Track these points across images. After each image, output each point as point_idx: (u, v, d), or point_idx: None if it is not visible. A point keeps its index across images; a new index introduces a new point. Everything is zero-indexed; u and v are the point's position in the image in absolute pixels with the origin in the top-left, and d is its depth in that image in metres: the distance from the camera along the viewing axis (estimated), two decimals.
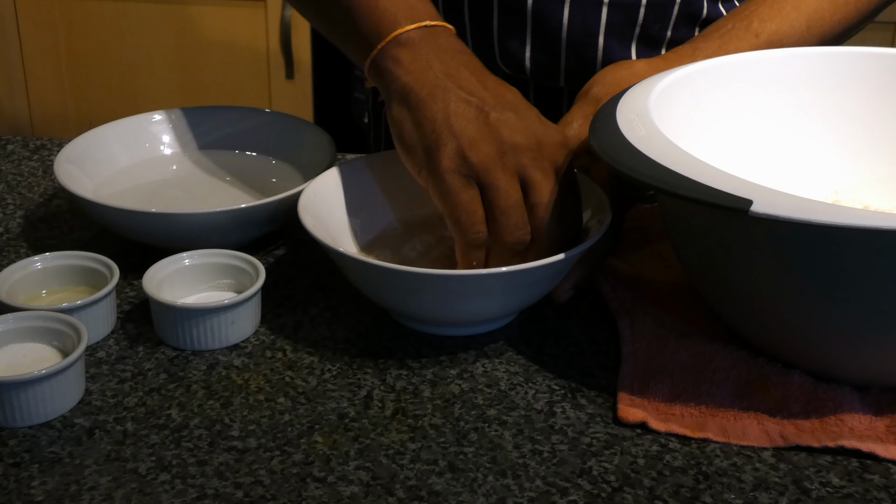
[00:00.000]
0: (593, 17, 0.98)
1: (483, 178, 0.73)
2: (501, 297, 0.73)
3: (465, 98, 0.74)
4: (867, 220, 0.59)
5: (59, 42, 2.21)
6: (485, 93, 0.75)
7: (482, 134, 0.73)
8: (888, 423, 0.67)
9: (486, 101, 0.75)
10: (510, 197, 0.73)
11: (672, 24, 1.00)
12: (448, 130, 0.73)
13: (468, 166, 0.73)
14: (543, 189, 0.74)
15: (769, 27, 0.87)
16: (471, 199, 0.73)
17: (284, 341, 0.76)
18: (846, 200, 0.85)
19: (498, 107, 0.74)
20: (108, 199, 0.89)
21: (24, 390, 0.66)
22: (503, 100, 0.75)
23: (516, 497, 0.62)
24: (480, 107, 0.74)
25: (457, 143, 0.73)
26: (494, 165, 0.73)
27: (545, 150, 0.74)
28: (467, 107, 0.74)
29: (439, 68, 0.76)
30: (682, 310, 0.77)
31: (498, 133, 0.73)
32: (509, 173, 0.73)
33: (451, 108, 0.74)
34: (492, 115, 0.74)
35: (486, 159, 0.73)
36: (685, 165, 0.64)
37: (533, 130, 0.74)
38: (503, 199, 0.73)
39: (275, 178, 0.95)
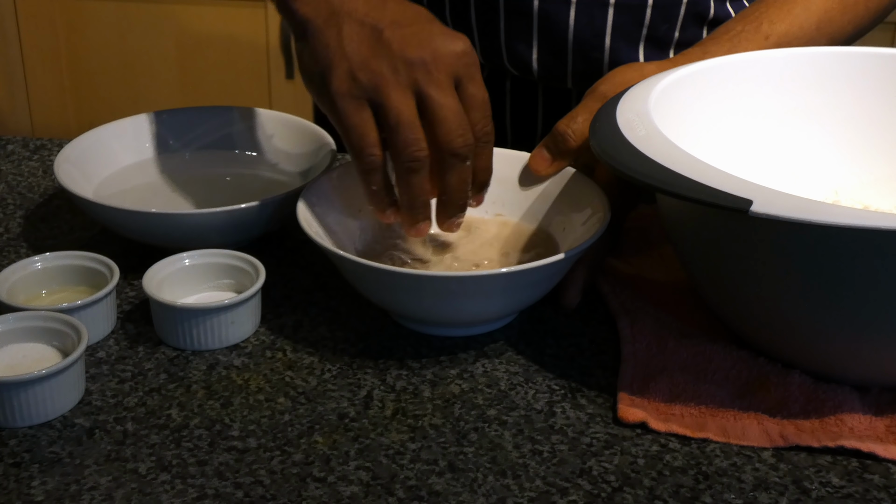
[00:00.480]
0: (600, 18, 0.98)
1: (374, 97, 0.72)
2: (501, 298, 0.73)
3: (359, 20, 0.73)
4: (867, 220, 0.59)
5: (59, 42, 2.21)
6: (381, 13, 0.74)
7: (374, 52, 0.72)
8: (888, 423, 0.67)
9: (381, 20, 0.73)
10: (401, 113, 0.72)
11: (679, 25, 1.00)
12: (340, 53, 0.73)
13: (359, 87, 0.72)
14: (441, 103, 0.72)
15: (779, 29, 0.87)
16: (363, 121, 0.72)
17: (284, 341, 0.76)
18: (846, 200, 0.85)
19: (392, 24, 0.73)
20: (108, 199, 0.89)
21: (24, 390, 0.66)
22: (402, 17, 0.74)
23: (516, 497, 0.62)
24: (374, 26, 0.73)
25: (348, 65, 0.72)
26: (385, 83, 0.72)
27: (441, 62, 0.72)
28: (361, 28, 0.73)
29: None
30: (682, 310, 0.77)
31: (389, 49, 0.72)
32: (401, 89, 0.72)
33: (343, 32, 0.73)
34: (385, 33, 0.72)
35: (377, 77, 0.72)
36: (685, 165, 0.64)
37: (427, 43, 0.72)
38: (393, 116, 0.72)
39: (275, 178, 0.95)
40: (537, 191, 0.83)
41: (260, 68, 2.16)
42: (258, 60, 2.16)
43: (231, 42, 2.15)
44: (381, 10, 0.74)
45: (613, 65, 0.99)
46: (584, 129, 0.79)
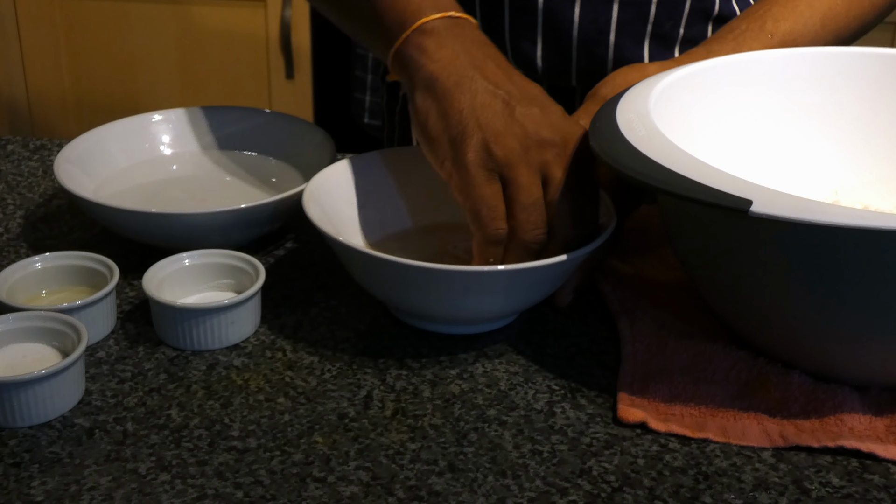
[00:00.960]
0: (604, 14, 0.98)
1: (506, 172, 0.72)
2: (505, 296, 0.73)
3: (491, 90, 0.74)
4: (867, 220, 0.59)
5: (59, 42, 2.21)
6: (511, 86, 0.75)
7: (508, 128, 0.73)
8: (888, 423, 0.67)
9: (513, 94, 0.74)
10: (531, 194, 0.72)
11: (684, 21, 1.00)
12: (475, 122, 0.73)
13: (493, 160, 0.72)
14: (565, 186, 0.73)
15: (783, 27, 0.86)
16: (493, 194, 0.73)
17: (284, 341, 0.76)
18: (846, 200, 0.85)
19: (524, 101, 0.74)
20: (108, 199, 0.89)
21: (24, 390, 0.66)
22: (529, 94, 0.75)
23: (516, 497, 0.62)
24: (507, 100, 0.74)
25: (482, 136, 0.72)
26: (518, 160, 0.72)
27: (569, 147, 0.74)
28: (493, 99, 0.74)
29: (465, 59, 0.75)
30: (682, 310, 0.77)
31: (523, 128, 0.73)
32: (532, 169, 0.73)
33: (477, 100, 0.74)
34: (518, 110, 0.73)
35: (511, 154, 0.72)
36: (685, 165, 0.64)
37: (558, 126, 0.74)
38: (525, 195, 0.72)
39: (275, 178, 0.95)
40: None
41: (260, 68, 2.16)
42: (258, 60, 2.16)
43: (231, 42, 2.15)
44: (509, 81, 0.75)
45: (618, 62, 1.00)
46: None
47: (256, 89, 2.18)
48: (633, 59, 1.00)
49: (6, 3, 2.18)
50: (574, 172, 0.74)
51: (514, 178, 0.72)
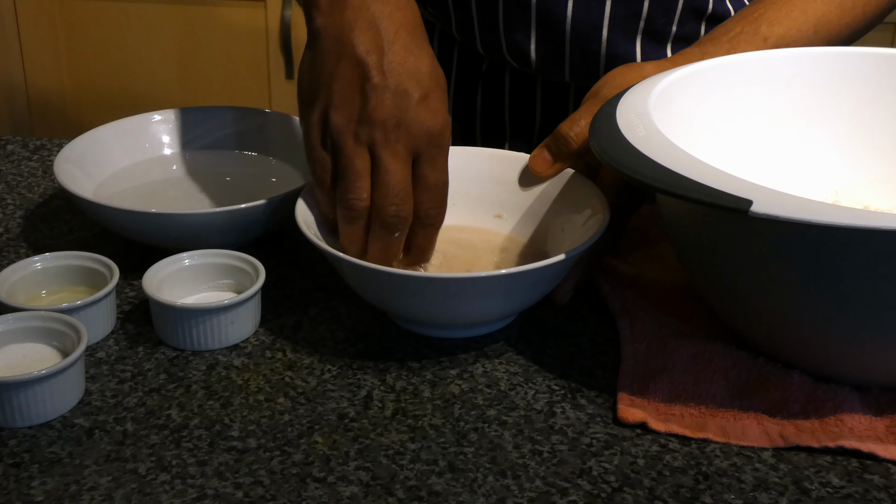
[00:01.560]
0: (597, 10, 0.98)
1: (334, 139, 0.74)
2: (500, 299, 0.73)
3: (358, 58, 0.74)
4: (867, 220, 0.59)
5: (58, 42, 2.21)
6: (383, 57, 0.74)
7: (351, 98, 0.73)
8: (888, 424, 0.67)
9: (377, 66, 0.73)
10: (351, 162, 0.73)
11: (677, 19, 1.00)
12: (327, 87, 0.74)
13: (328, 127, 0.74)
14: (386, 167, 0.73)
15: (777, 31, 0.87)
16: (323, 157, 0.75)
17: (284, 341, 0.76)
18: (846, 200, 0.85)
19: (382, 75, 0.73)
20: (108, 199, 0.89)
21: (24, 390, 0.66)
22: (397, 69, 0.74)
23: (516, 497, 0.62)
24: (366, 71, 0.73)
25: (327, 101, 0.74)
26: (347, 130, 0.73)
27: (404, 132, 0.73)
28: (355, 68, 0.74)
29: (349, 18, 0.74)
30: (682, 310, 0.77)
31: (365, 101, 0.73)
32: (360, 142, 0.73)
33: (340, 65, 0.74)
34: (371, 83, 0.73)
35: (343, 123, 0.73)
36: (685, 165, 0.64)
37: (402, 109, 0.73)
38: (343, 161, 0.74)
39: (275, 178, 0.95)
40: (537, 192, 0.83)
41: (260, 68, 2.16)
42: (258, 60, 2.16)
43: (231, 42, 2.15)
44: (380, 50, 0.74)
45: (610, 57, 1.00)
46: (586, 132, 0.79)
47: (256, 89, 2.18)
48: (625, 55, 1.00)
49: (6, 3, 2.18)
50: (402, 159, 0.73)
51: (339, 145, 0.74)
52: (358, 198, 0.74)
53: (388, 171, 0.73)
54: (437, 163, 0.75)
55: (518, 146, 1.10)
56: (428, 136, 0.74)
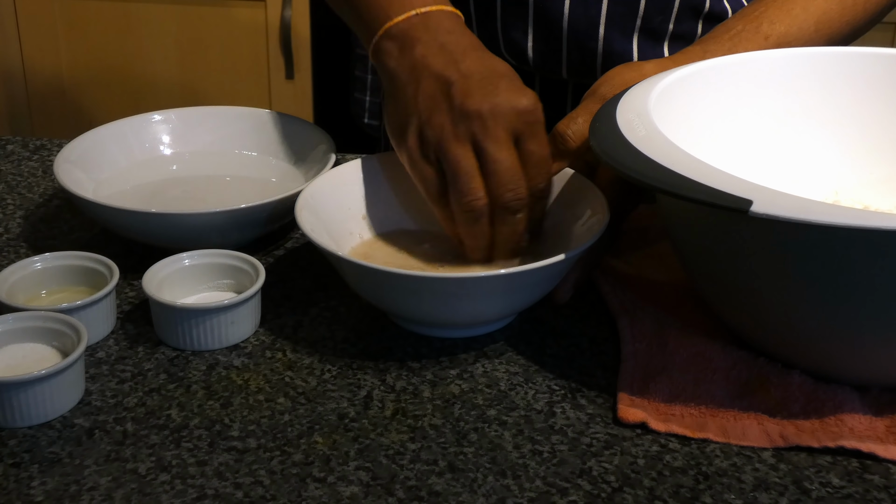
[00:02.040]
0: (594, 7, 0.98)
1: (437, 151, 0.75)
2: (500, 299, 0.73)
3: (435, 74, 0.76)
4: (867, 220, 0.59)
5: (58, 41, 2.21)
6: (456, 66, 0.76)
7: (439, 107, 0.75)
8: (888, 424, 0.67)
9: (454, 73, 0.76)
10: (459, 165, 0.74)
11: (674, 17, 1.01)
12: (414, 108, 0.76)
13: (426, 143, 0.75)
14: (495, 157, 0.74)
15: (778, 29, 0.87)
16: (427, 171, 0.76)
17: (284, 341, 0.76)
18: (846, 200, 0.85)
19: (462, 77, 0.75)
20: (108, 199, 0.88)
21: (24, 390, 0.66)
22: (474, 69, 0.76)
23: (516, 497, 0.62)
24: (447, 80, 0.75)
25: (418, 121, 0.75)
26: (447, 136, 0.74)
27: (499, 116, 0.74)
28: (435, 82, 0.76)
29: (420, 52, 0.77)
30: (682, 310, 0.77)
31: (451, 102, 0.74)
32: (461, 141, 0.74)
33: (420, 87, 0.76)
34: (455, 86, 0.75)
35: (439, 131, 0.74)
36: (685, 165, 0.64)
37: (490, 96, 0.74)
38: (451, 168, 0.74)
39: (275, 178, 0.95)
40: None
41: (260, 68, 2.16)
42: (258, 60, 2.16)
43: (231, 42, 2.15)
44: (456, 63, 0.76)
45: (607, 55, 1.00)
46: (584, 130, 0.79)
47: (256, 89, 2.18)
48: (622, 53, 1.00)
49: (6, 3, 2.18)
50: (506, 142, 0.74)
51: (443, 154, 0.75)
52: (475, 197, 0.74)
53: (496, 161, 0.74)
54: (539, 137, 0.76)
55: None
56: (523, 114, 0.75)
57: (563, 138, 0.80)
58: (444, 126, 0.75)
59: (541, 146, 0.76)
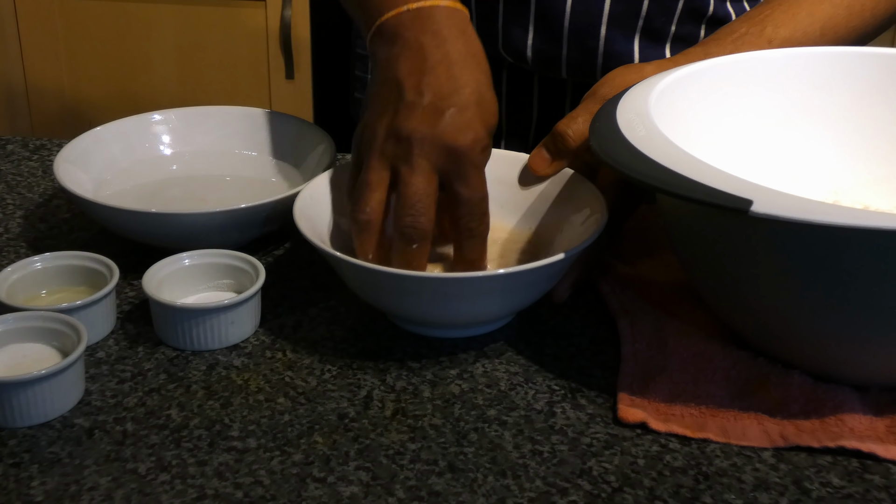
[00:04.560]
0: (596, 6, 0.98)
1: (361, 153, 0.76)
2: (499, 299, 0.73)
3: (398, 79, 0.76)
4: (867, 220, 0.59)
5: (58, 42, 2.21)
6: (418, 78, 0.75)
7: (382, 114, 0.75)
8: (888, 424, 0.67)
9: (413, 86, 0.75)
10: (366, 176, 0.75)
11: (676, 19, 1.00)
12: (369, 107, 0.77)
13: (361, 142, 0.76)
14: (406, 181, 0.73)
15: (782, 33, 0.86)
16: (353, 171, 0.77)
17: (284, 341, 0.76)
18: (846, 200, 0.85)
19: (417, 93, 0.75)
20: (108, 199, 0.89)
21: (24, 390, 0.66)
22: (430, 86, 0.75)
23: (516, 497, 0.62)
24: (402, 91, 0.75)
25: (367, 119, 0.76)
26: (374, 147, 0.75)
27: (428, 147, 0.73)
28: (391, 89, 0.76)
29: (397, 50, 0.77)
30: (682, 310, 0.77)
31: (393, 116, 0.75)
32: (381, 158, 0.75)
33: (382, 88, 0.77)
34: (404, 101, 0.75)
35: (370, 139, 0.75)
36: (685, 165, 0.64)
37: (429, 125, 0.74)
38: (362, 174, 0.75)
39: (275, 178, 0.95)
40: (536, 191, 0.83)
41: (260, 68, 2.16)
42: (258, 60, 2.16)
43: (231, 42, 2.15)
44: (419, 74, 0.75)
45: (608, 55, 1.00)
46: (583, 130, 0.79)
47: (256, 89, 2.18)
48: (623, 53, 1.00)
49: (6, 3, 2.18)
50: (424, 174, 0.73)
51: (364, 159, 0.76)
52: (361, 210, 0.74)
53: (406, 184, 0.74)
54: (469, 179, 0.74)
55: (514, 144, 1.10)
56: (454, 153, 0.74)
57: (562, 138, 0.80)
58: (375, 136, 0.75)
59: (469, 189, 0.74)
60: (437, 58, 0.76)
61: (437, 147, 0.73)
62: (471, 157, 0.74)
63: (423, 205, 0.73)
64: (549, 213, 0.82)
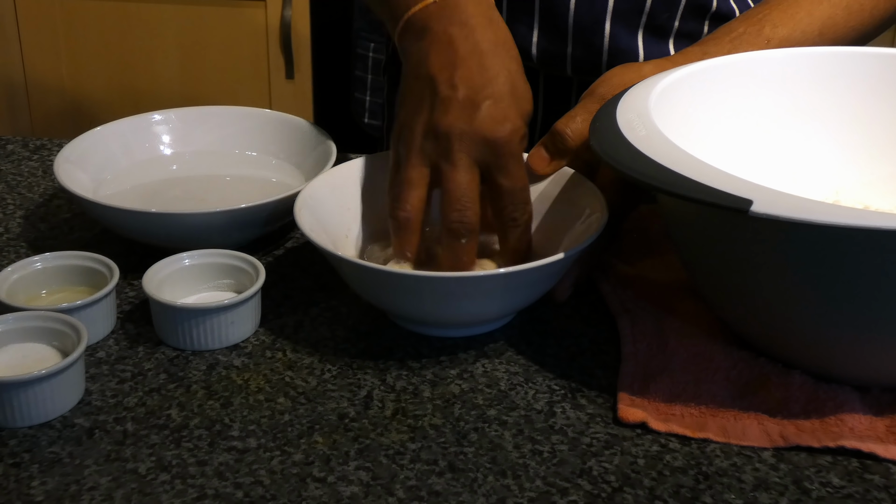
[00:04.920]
0: (600, 2, 0.98)
1: (401, 153, 0.76)
2: (499, 299, 0.73)
3: (428, 76, 0.76)
4: (867, 220, 0.59)
5: (59, 42, 2.21)
6: (451, 72, 0.75)
7: (419, 112, 0.75)
8: (888, 424, 0.67)
9: (447, 80, 0.75)
10: (406, 172, 0.75)
11: (680, 15, 1.00)
12: (403, 105, 0.77)
13: (399, 141, 0.76)
14: (448, 177, 0.74)
15: (781, 33, 0.86)
16: (392, 170, 0.77)
17: (284, 341, 0.76)
18: (846, 200, 0.85)
19: (451, 88, 0.75)
20: (108, 199, 0.89)
21: (24, 390, 0.66)
22: (463, 79, 0.75)
23: (516, 497, 0.62)
24: (435, 86, 0.75)
25: (402, 118, 0.76)
26: (413, 147, 0.75)
27: (467, 142, 0.74)
28: (425, 86, 0.75)
29: (426, 44, 0.77)
30: (682, 309, 0.77)
31: (430, 113, 0.75)
32: (421, 156, 0.75)
33: (414, 85, 0.76)
34: (438, 96, 0.75)
35: (409, 138, 0.75)
36: (685, 165, 0.64)
37: (466, 119, 0.74)
38: (401, 172, 0.75)
39: (275, 178, 0.95)
40: (536, 191, 0.83)
41: (260, 68, 2.16)
42: (258, 60, 2.16)
43: (231, 42, 2.15)
44: (451, 68, 0.75)
45: (612, 52, 1.00)
46: (582, 129, 0.79)
47: (256, 89, 2.18)
48: (627, 50, 1.00)
49: (6, 3, 2.18)
50: (465, 168, 0.74)
51: (402, 158, 0.76)
52: (401, 208, 0.75)
53: (449, 180, 0.74)
54: (510, 170, 0.75)
55: None
56: (492, 145, 0.74)
57: (561, 137, 0.80)
58: (414, 135, 0.75)
59: (510, 179, 0.75)
60: (468, 49, 0.76)
61: (476, 141, 0.74)
62: (509, 149, 0.75)
63: (468, 199, 0.74)
64: (549, 212, 0.82)
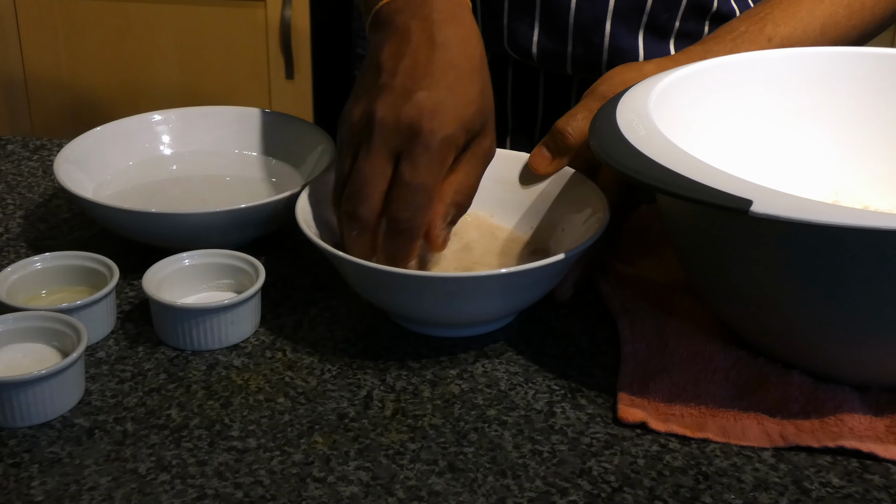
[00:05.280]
0: (601, 2, 0.98)
1: (340, 139, 0.75)
2: (500, 299, 0.73)
3: (378, 63, 0.74)
4: (867, 220, 0.59)
5: (58, 41, 2.21)
6: (397, 62, 0.73)
7: (360, 101, 0.74)
8: (888, 424, 0.67)
9: (390, 69, 0.73)
10: (338, 162, 0.74)
11: (681, 15, 1.01)
12: (352, 92, 0.76)
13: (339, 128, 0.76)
14: (356, 167, 0.72)
15: (782, 31, 0.86)
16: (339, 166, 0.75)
17: (284, 341, 0.76)
18: (846, 200, 0.85)
19: (392, 76, 0.72)
20: (108, 199, 0.89)
21: (24, 390, 0.66)
22: (408, 71, 0.72)
23: (516, 497, 0.62)
24: (379, 74, 0.73)
25: (346, 105, 0.75)
26: (349, 136, 0.74)
27: (388, 128, 0.71)
28: (374, 72, 0.74)
29: (383, 35, 0.76)
30: (682, 309, 0.77)
31: (367, 104, 0.73)
32: (350, 147, 0.74)
33: (365, 72, 0.75)
34: (378, 83, 0.73)
35: (345, 126, 0.74)
36: (685, 165, 0.64)
37: (395, 106, 0.71)
38: (337, 162, 0.75)
39: (275, 178, 0.95)
40: (537, 191, 0.83)
41: (260, 68, 2.16)
42: (258, 60, 2.16)
43: (231, 42, 2.15)
44: (399, 58, 0.73)
45: (613, 51, 1.00)
46: (583, 127, 0.79)
47: (256, 89, 2.18)
48: (627, 49, 1.00)
49: (6, 3, 2.18)
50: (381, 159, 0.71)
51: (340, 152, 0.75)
52: (334, 199, 0.75)
53: (355, 169, 0.72)
54: (417, 163, 0.70)
55: (520, 140, 1.10)
56: (409, 132, 0.70)
57: (562, 135, 0.80)
58: (351, 123, 0.73)
59: (414, 173, 0.70)
60: (420, 42, 0.73)
61: (398, 129, 0.71)
62: (426, 141, 0.70)
63: (366, 191, 0.71)
64: (550, 212, 0.83)
